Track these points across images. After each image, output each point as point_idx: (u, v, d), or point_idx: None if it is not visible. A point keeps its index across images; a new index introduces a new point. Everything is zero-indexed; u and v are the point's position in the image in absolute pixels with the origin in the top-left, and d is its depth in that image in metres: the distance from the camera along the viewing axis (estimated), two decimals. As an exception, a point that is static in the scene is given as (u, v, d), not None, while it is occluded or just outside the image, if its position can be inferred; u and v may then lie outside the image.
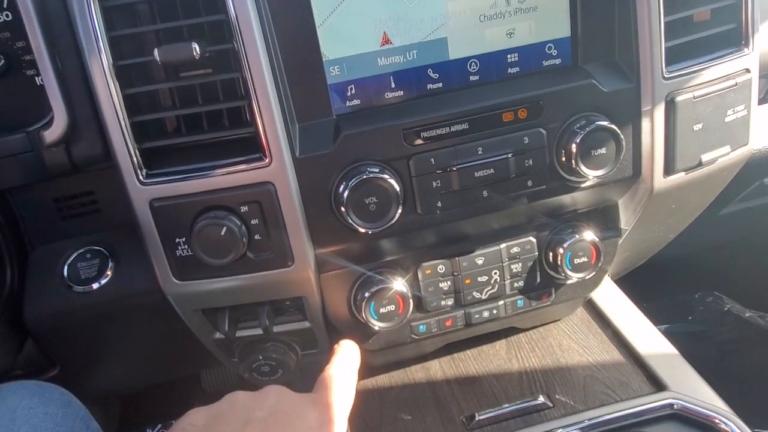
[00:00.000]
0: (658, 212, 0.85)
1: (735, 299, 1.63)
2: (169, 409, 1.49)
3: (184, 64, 0.65)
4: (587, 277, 0.83)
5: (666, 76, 0.73)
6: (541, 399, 0.81)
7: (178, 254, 0.70)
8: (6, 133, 0.74)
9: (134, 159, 0.67)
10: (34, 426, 0.72)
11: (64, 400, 0.78)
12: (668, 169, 0.78)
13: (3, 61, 0.73)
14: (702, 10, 0.75)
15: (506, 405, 0.81)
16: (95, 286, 0.81)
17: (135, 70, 0.67)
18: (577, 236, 0.80)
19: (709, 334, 1.63)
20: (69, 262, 0.82)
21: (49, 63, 0.70)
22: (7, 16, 0.72)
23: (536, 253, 0.83)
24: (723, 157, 0.80)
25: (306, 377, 0.89)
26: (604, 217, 0.84)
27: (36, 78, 0.75)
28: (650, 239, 0.96)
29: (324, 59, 0.69)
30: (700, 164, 0.79)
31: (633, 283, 1.07)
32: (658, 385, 0.81)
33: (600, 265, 0.82)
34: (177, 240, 0.70)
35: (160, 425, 1.47)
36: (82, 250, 0.83)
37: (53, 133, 0.72)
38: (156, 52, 0.63)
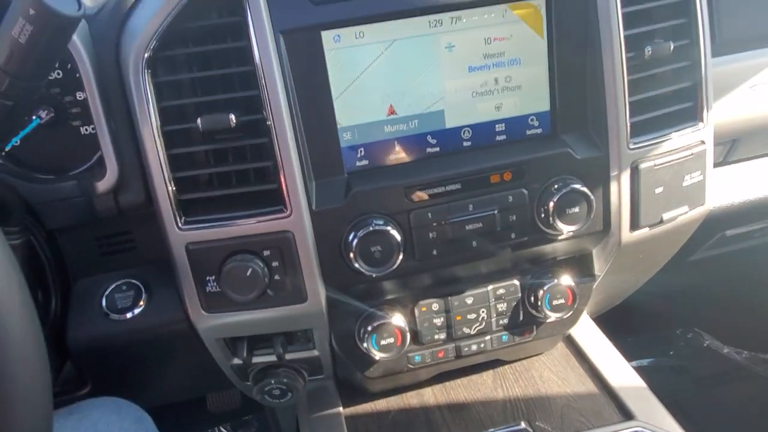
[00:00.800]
0: (628, 261, 0.91)
1: (714, 336, 1.67)
2: (176, 430, 1.54)
3: (221, 131, 0.74)
4: (565, 317, 0.88)
5: (631, 147, 0.80)
6: (523, 425, 0.86)
7: (207, 290, 0.77)
8: (59, 180, 0.82)
9: (174, 208, 0.75)
10: None
11: (137, 416, 0.84)
12: (634, 225, 0.84)
13: (53, 113, 0.81)
14: (663, 92, 0.82)
15: (491, 430, 0.86)
16: (129, 315, 0.86)
17: (177, 134, 0.75)
18: (555, 280, 0.86)
19: (688, 369, 1.66)
20: (107, 293, 0.87)
21: (105, 123, 0.78)
22: (58, 74, 0.80)
23: (519, 295, 0.88)
24: (682, 215, 0.86)
25: (311, 401, 0.96)
26: (579, 264, 0.89)
27: (81, 128, 0.82)
28: (622, 283, 1.01)
29: (338, 126, 0.76)
30: (661, 221, 0.85)
31: (617, 320, 1.11)
32: (626, 415, 0.85)
33: (576, 306, 0.87)
34: (207, 278, 0.77)
35: (166, 444, 1.52)
36: (119, 283, 0.88)
37: (105, 183, 0.80)
38: (199, 121, 0.71)
